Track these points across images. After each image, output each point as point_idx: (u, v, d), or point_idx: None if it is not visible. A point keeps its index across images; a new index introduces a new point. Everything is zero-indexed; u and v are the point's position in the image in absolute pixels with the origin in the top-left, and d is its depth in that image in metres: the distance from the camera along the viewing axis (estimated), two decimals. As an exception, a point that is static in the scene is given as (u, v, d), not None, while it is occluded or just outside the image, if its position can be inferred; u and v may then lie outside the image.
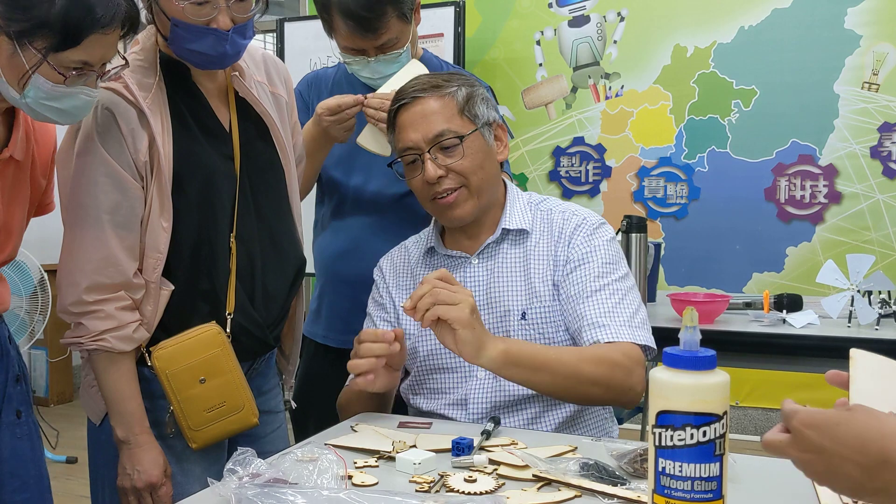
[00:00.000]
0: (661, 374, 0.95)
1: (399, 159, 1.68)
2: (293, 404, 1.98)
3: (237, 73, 1.64)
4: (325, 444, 1.35)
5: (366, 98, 1.94)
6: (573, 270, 1.61)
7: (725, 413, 0.93)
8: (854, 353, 1.00)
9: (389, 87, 1.97)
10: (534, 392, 1.57)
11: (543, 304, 1.60)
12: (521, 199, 1.72)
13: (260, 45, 5.58)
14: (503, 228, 1.66)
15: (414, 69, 2.01)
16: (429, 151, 1.60)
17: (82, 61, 1.37)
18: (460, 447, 1.31)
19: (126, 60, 1.47)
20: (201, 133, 1.60)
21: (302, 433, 1.85)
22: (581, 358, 1.49)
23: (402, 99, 1.65)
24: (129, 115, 1.51)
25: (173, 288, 1.57)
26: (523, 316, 1.60)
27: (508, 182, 1.75)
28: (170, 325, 1.57)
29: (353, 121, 1.97)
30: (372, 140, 1.99)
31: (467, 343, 1.41)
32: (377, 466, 1.29)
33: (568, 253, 1.62)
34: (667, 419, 0.93)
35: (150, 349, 1.56)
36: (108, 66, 1.44)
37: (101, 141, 1.50)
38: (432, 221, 1.76)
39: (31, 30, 1.31)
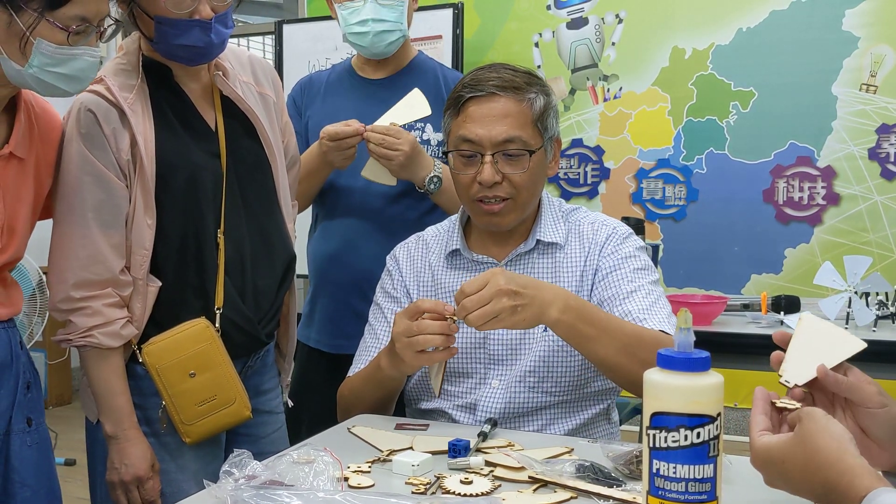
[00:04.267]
0: (655, 376, 0.95)
1: (452, 150, 1.60)
2: (290, 403, 1.98)
3: (220, 73, 1.65)
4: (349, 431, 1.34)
5: (366, 130, 1.95)
6: (604, 278, 1.59)
7: (720, 414, 0.93)
8: (804, 316, 1.03)
9: (388, 119, 1.98)
10: (542, 403, 1.57)
11: None
12: (553, 207, 1.68)
13: (257, 48, 5.58)
14: (537, 239, 1.63)
15: (416, 104, 2.01)
16: (492, 154, 1.55)
17: (80, 17, 1.38)
18: (457, 449, 1.31)
19: (117, 20, 1.49)
20: (185, 131, 1.62)
21: (295, 436, 1.85)
22: (640, 334, 1.44)
23: (478, 90, 1.57)
24: (110, 116, 1.54)
25: (161, 284, 1.59)
26: (545, 328, 1.57)
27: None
28: (160, 320, 1.60)
29: (353, 150, 1.98)
30: (376, 172, 1.99)
31: (521, 325, 1.40)
32: (369, 472, 1.29)
33: (598, 261, 1.60)
34: (661, 420, 0.93)
35: (141, 346, 1.57)
36: (104, 27, 1.45)
37: (84, 141, 1.54)
38: (456, 219, 1.72)
39: None
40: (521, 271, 1.63)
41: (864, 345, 1.02)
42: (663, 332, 1.48)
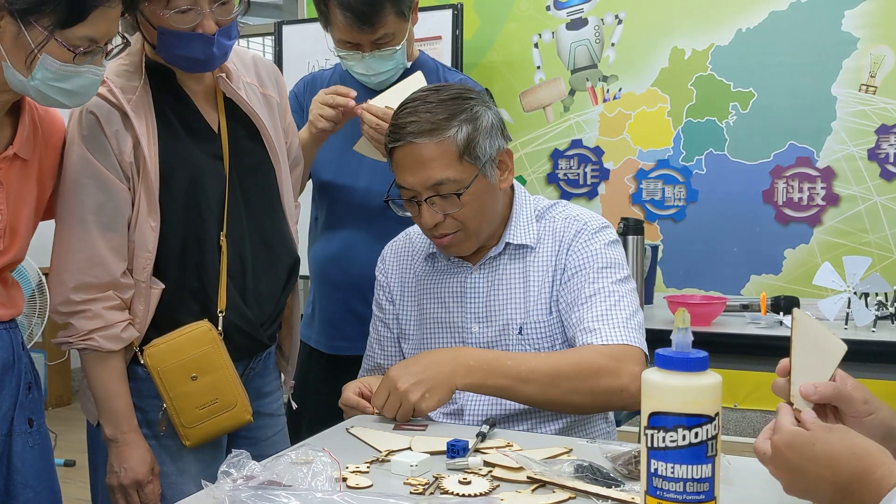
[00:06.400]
0: (652, 376, 0.95)
1: (392, 198, 1.61)
2: (293, 405, 1.98)
3: (224, 75, 1.65)
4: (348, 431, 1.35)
5: (360, 109, 1.93)
6: (570, 278, 1.57)
7: (718, 414, 0.93)
8: (797, 316, 1.03)
9: (385, 101, 1.96)
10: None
11: (540, 319, 1.58)
12: (527, 208, 1.65)
13: (257, 49, 5.59)
14: (506, 242, 1.62)
15: (416, 83, 1.99)
16: (426, 200, 1.52)
17: (89, 37, 1.38)
18: (455, 449, 1.31)
19: (126, 39, 1.48)
20: (187, 134, 1.61)
21: (295, 436, 1.86)
22: (560, 366, 1.45)
23: (396, 139, 1.53)
24: (112, 118, 1.54)
25: (164, 287, 1.58)
26: (520, 331, 1.58)
27: (517, 188, 1.68)
28: (162, 323, 1.59)
29: (336, 114, 1.96)
30: (369, 148, 1.99)
31: (441, 402, 1.46)
32: (368, 472, 1.28)
33: (566, 261, 1.58)
34: (659, 420, 0.93)
35: (143, 347, 1.57)
36: (111, 46, 1.45)
37: (86, 144, 1.53)
38: None
39: (36, 6, 1.31)
40: (493, 275, 1.62)
41: (846, 347, 1.02)
42: (607, 344, 1.47)
